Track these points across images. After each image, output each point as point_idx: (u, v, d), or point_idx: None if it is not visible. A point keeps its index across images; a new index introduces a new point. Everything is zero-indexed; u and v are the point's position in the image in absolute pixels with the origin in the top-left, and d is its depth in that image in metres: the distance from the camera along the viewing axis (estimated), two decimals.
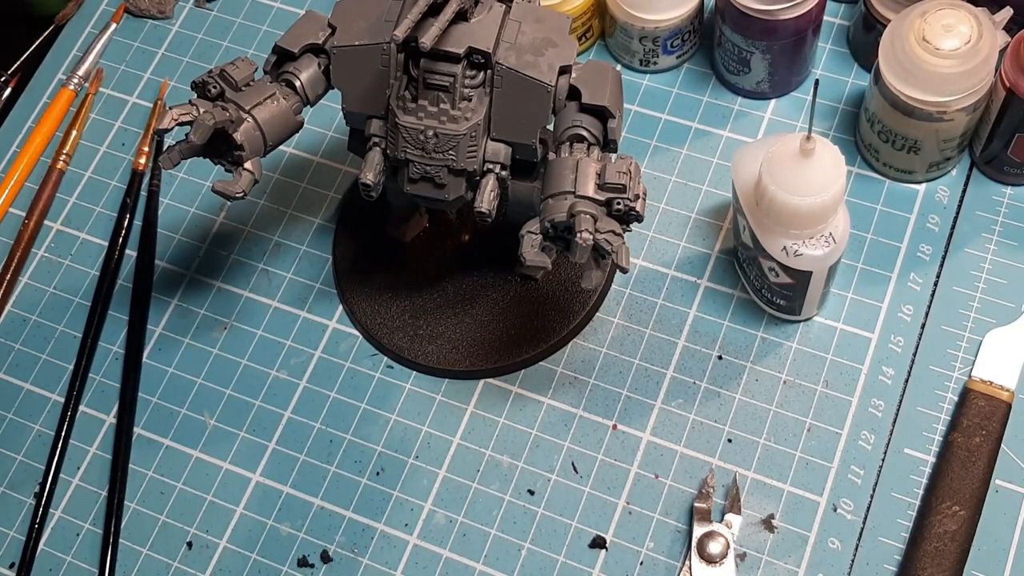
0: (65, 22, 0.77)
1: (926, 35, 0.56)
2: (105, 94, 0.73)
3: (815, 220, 0.53)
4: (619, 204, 0.47)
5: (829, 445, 0.58)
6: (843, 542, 0.56)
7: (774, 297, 0.59)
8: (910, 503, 0.57)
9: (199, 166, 0.69)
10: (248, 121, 0.50)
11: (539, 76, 0.49)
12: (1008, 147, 0.61)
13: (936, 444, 0.58)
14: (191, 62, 0.74)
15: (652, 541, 0.57)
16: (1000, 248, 0.62)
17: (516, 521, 0.58)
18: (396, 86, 0.50)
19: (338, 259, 0.65)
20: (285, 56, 0.52)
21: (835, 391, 0.59)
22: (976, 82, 0.56)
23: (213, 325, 0.65)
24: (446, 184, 0.50)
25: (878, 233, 0.63)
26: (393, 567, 0.58)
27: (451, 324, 0.62)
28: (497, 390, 0.61)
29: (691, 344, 0.61)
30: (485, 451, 0.60)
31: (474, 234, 0.64)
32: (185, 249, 0.67)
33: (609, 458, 0.59)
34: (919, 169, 0.63)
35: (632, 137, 0.67)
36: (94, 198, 0.70)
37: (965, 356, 0.59)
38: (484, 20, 0.48)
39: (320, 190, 0.68)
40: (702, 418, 0.60)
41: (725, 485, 0.58)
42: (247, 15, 0.75)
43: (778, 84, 0.66)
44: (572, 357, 0.62)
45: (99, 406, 0.64)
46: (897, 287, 0.62)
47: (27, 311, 0.67)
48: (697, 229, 0.64)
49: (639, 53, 0.68)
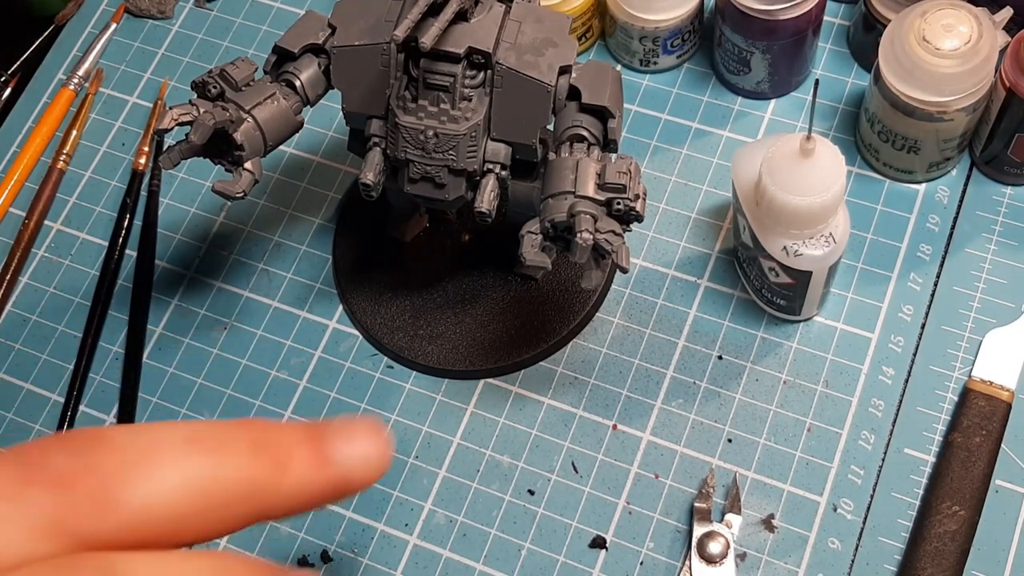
0: (65, 22, 0.77)
1: (926, 35, 0.56)
2: (105, 94, 0.73)
3: (815, 220, 0.53)
4: (619, 204, 0.47)
5: (829, 445, 0.58)
6: (843, 542, 0.56)
7: (774, 297, 0.59)
8: (910, 503, 0.57)
9: (199, 166, 0.69)
10: (248, 121, 0.50)
11: (539, 76, 0.49)
12: (1008, 147, 0.60)
13: (936, 444, 0.58)
14: (191, 62, 0.74)
15: (652, 541, 0.57)
16: (1000, 248, 0.62)
17: (516, 521, 0.58)
18: (396, 86, 0.50)
19: (338, 259, 0.65)
20: (285, 56, 0.52)
21: (835, 391, 0.59)
22: (976, 82, 0.56)
23: (213, 325, 0.65)
24: (446, 184, 0.50)
25: (878, 233, 0.63)
26: (393, 567, 0.58)
27: (451, 324, 0.62)
28: (497, 390, 0.62)
29: (691, 344, 0.61)
30: (485, 451, 0.60)
31: (474, 234, 0.64)
32: (185, 249, 0.67)
33: (609, 458, 0.59)
34: (919, 169, 0.63)
35: (632, 137, 0.67)
36: (94, 198, 0.70)
37: (965, 356, 0.59)
38: (484, 20, 0.48)
39: (320, 190, 0.68)
40: (702, 418, 0.60)
41: (725, 485, 0.58)
42: (247, 15, 0.75)
43: (778, 84, 0.66)
44: (572, 357, 0.62)
45: (99, 406, 0.64)
46: (897, 287, 0.62)
47: (27, 311, 0.67)
48: (697, 229, 0.64)
49: (639, 53, 0.67)
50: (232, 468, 0.23)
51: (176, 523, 0.23)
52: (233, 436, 0.24)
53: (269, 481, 0.24)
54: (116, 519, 0.22)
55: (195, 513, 0.23)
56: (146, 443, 0.22)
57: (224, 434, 0.24)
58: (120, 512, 0.22)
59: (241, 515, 0.24)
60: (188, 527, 0.23)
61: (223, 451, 0.23)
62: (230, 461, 0.23)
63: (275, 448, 0.24)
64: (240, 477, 0.24)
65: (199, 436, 0.23)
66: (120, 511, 0.22)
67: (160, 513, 0.22)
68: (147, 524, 0.22)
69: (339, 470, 0.26)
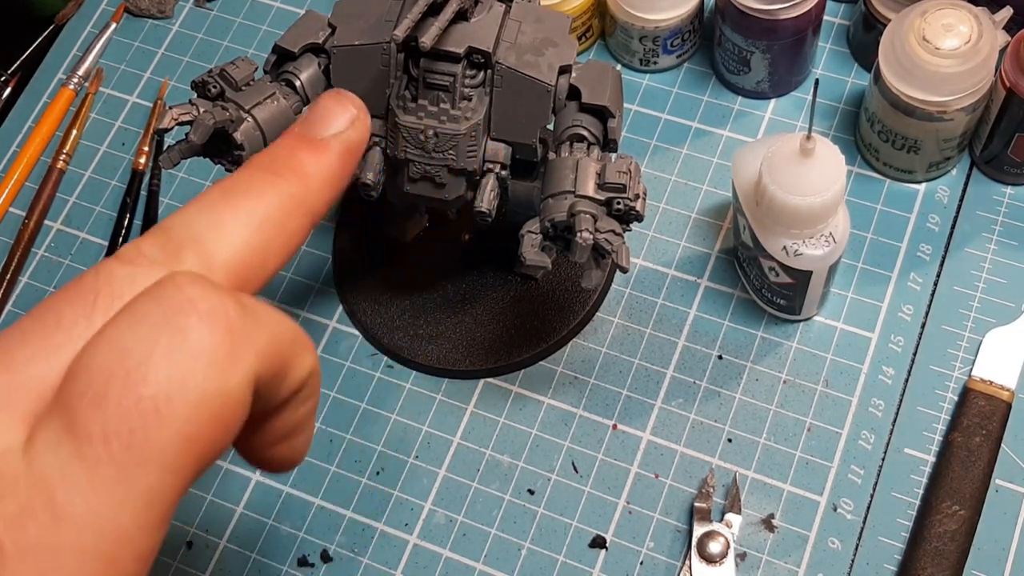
0: (65, 22, 0.77)
1: (926, 35, 0.56)
2: (105, 94, 0.73)
3: (815, 220, 0.53)
4: (619, 204, 0.47)
5: (829, 445, 0.58)
6: (843, 542, 0.56)
7: (774, 297, 0.59)
8: (910, 503, 0.57)
9: (199, 166, 0.69)
10: (248, 121, 0.50)
11: (539, 76, 0.49)
12: (1008, 147, 0.60)
13: (936, 444, 0.58)
14: (191, 62, 0.74)
15: (652, 541, 0.57)
16: (1000, 248, 0.62)
17: (516, 521, 0.58)
18: (396, 86, 0.50)
19: (338, 259, 0.65)
20: (285, 56, 0.52)
21: (835, 391, 0.59)
22: (976, 82, 0.56)
23: None
24: (446, 184, 0.50)
25: (878, 233, 0.63)
26: (393, 567, 0.58)
27: (451, 324, 0.62)
28: (497, 390, 0.61)
29: (691, 344, 0.61)
30: (485, 451, 0.60)
31: (474, 234, 0.64)
32: None
33: (609, 458, 0.59)
34: (919, 169, 0.63)
35: (632, 137, 0.67)
36: (94, 198, 0.70)
37: (965, 356, 0.59)
38: (484, 20, 0.48)
39: None
40: (702, 418, 0.60)
41: (725, 485, 0.58)
42: (247, 15, 0.75)
43: (778, 84, 0.66)
44: (572, 357, 0.62)
45: None
46: (897, 287, 0.62)
47: (27, 311, 0.67)
48: (697, 229, 0.64)
49: (639, 53, 0.67)
50: (270, 195, 0.28)
51: (260, 255, 0.28)
52: (252, 175, 0.29)
53: (300, 187, 0.29)
54: (217, 274, 0.26)
55: (267, 242, 0.28)
56: (204, 214, 0.27)
57: (247, 177, 0.29)
58: (216, 268, 0.27)
59: (299, 226, 0.29)
60: (269, 254, 0.28)
61: (254, 190, 0.28)
62: (265, 193, 0.28)
63: (284, 163, 0.30)
64: (280, 199, 0.29)
65: (232, 190, 0.28)
66: (216, 268, 0.26)
67: (245, 254, 0.27)
68: (243, 266, 0.27)
69: (338, 143, 0.31)
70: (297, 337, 0.27)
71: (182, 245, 0.27)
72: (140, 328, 0.23)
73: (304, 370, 0.28)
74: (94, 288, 0.25)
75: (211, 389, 0.24)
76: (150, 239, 0.27)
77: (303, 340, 0.28)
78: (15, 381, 0.24)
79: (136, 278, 0.25)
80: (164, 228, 0.27)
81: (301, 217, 0.29)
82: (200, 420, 0.23)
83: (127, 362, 0.23)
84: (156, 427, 0.23)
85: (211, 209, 0.28)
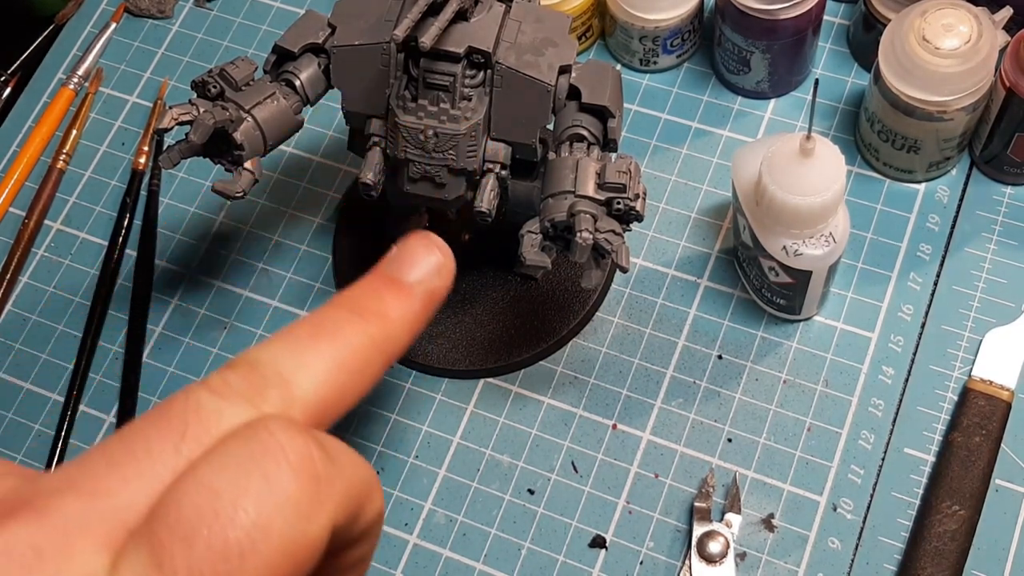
0: (65, 22, 0.77)
1: (926, 35, 0.56)
2: (105, 94, 0.73)
3: (815, 220, 0.53)
4: (619, 204, 0.47)
5: (829, 445, 0.58)
6: (843, 542, 0.56)
7: (774, 297, 0.59)
8: (910, 503, 0.57)
9: (199, 166, 0.69)
10: (248, 121, 0.50)
11: (539, 76, 0.49)
12: (1008, 147, 0.60)
13: (936, 444, 0.58)
14: (191, 62, 0.74)
15: (652, 541, 0.57)
16: (1000, 248, 0.62)
17: (516, 521, 0.58)
18: (396, 86, 0.50)
19: (338, 259, 0.65)
20: (285, 56, 0.52)
21: (835, 391, 0.59)
22: (976, 82, 0.56)
23: (213, 325, 0.65)
24: (446, 184, 0.50)
25: (878, 233, 0.63)
26: (393, 567, 0.58)
27: (451, 324, 0.62)
28: (497, 390, 0.61)
29: (691, 344, 0.61)
30: (485, 451, 0.60)
31: (474, 234, 0.64)
32: (185, 249, 0.67)
33: (609, 458, 0.59)
34: (919, 169, 0.63)
35: (632, 137, 0.67)
36: (94, 198, 0.70)
37: (965, 356, 0.59)
38: (484, 20, 0.48)
39: (320, 190, 0.68)
40: (702, 418, 0.60)
41: (725, 485, 0.58)
42: (247, 15, 0.75)
43: (778, 84, 0.66)
44: (572, 357, 0.62)
45: (99, 406, 0.64)
46: (897, 287, 0.62)
47: (27, 311, 0.67)
48: (697, 229, 0.64)
49: (639, 53, 0.67)
50: (353, 337, 0.29)
51: (339, 394, 0.28)
52: (337, 314, 0.30)
53: (381, 330, 0.30)
54: (296, 411, 0.27)
55: (346, 382, 0.29)
56: (289, 351, 0.28)
57: (333, 315, 0.30)
58: (297, 406, 0.27)
59: (377, 367, 0.30)
60: (346, 394, 0.29)
61: (339, 330, 0.29)
62: (349, 335, 0.29)
63: (368, 305, 0.30)
64: (363, 341, 0.29)
65: (318, 327, 0.29)
66: (296, 405, 0.27)
67: (325, 393, 0.28)
68: (322, 403, 0.28)
69: (422, 289, 0.32)
70: (372, 481, 0.29)
71: (268, 382, 0.27)
72: (231, 470, 0.24)
73: (374, 513, 0.29)
74: (183, 419, 0.26)
75: (294, 535, 0.24)
76: (238, 372, 0.27)
77: (375, 484, 0.29)
78: (103, 507, 0.24)
79: (224, 412, 0.26)
80: (251, 362, 0.28)
81: (380, 359, 0.30)
82: (279, 565, 0.24)
83: (217, 503, 0.23)
84: (239, 570, 0.23)
85: (297, 346, 0.28)
